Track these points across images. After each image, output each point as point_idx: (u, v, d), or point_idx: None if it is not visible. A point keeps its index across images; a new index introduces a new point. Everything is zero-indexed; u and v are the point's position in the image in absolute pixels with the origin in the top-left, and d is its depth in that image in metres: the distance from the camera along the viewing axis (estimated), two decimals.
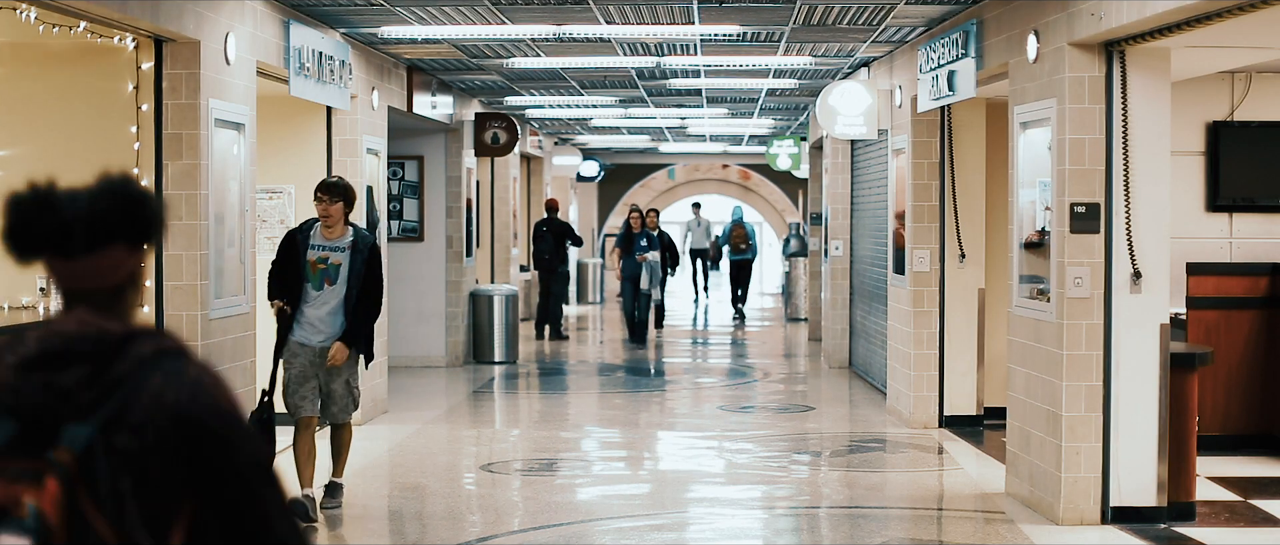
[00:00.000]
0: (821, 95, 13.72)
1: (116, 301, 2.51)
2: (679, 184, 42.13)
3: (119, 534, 2.24)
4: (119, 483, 2.27)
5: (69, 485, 2.22)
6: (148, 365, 2.38)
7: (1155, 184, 8.28)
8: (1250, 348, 10.80)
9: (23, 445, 2.26)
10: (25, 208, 2.51)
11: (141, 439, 2.29)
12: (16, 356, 2.37)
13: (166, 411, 2.31)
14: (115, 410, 2.30)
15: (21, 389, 2.33)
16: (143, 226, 2.51)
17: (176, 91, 8.53)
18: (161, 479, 2.29)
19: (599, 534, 8.47)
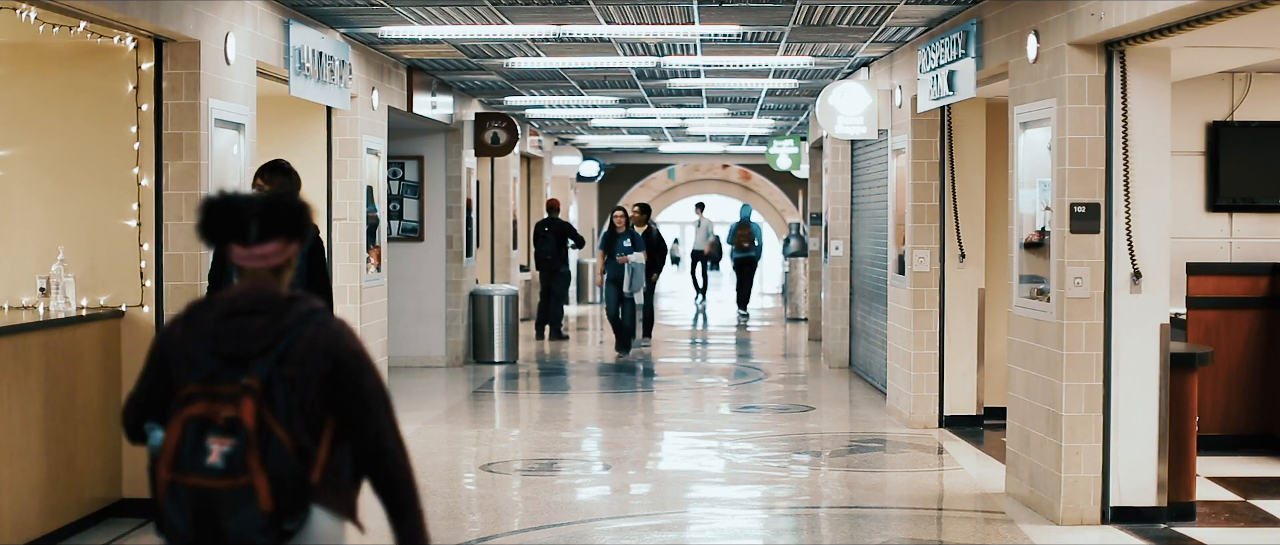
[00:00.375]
0: (821, 95, 13.72)
1: (277, 275, 3.68)
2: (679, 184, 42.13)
3: (290, 436, 3.49)
4: (289, 401, 3.52)
5: (258, 403, 3.47)
6: (304, 319, 3.62)
7: (1155, 184, 8.28)
8: (1250, 348, 10.80)
9: (223, 375, 3.52)
10: (216, 208, 3.59)
11: (303, 369, 3.56)
12: (215, 312, 3.59)
13: (318, 351, 3.59)
14: (285, 350, 3.56)
15: (220, 335, 3.57)
16: (296, 226, 3.66)
17: (176, 91, 8.53)
18: (315, 398, 3.57)
19: (599, 534, 8.47)
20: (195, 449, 3.51)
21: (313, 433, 3.60)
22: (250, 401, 3.51)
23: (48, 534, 7.77)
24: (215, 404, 3.53)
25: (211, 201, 3.63)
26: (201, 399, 3.54)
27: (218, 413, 3.51)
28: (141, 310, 8.56)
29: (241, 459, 3.48)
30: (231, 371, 3.57)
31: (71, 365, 8.01)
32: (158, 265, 8.54)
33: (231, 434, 3.50)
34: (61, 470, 7.90)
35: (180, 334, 3.67)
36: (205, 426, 3.52)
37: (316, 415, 3.62)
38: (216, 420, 3.51)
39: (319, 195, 12.18)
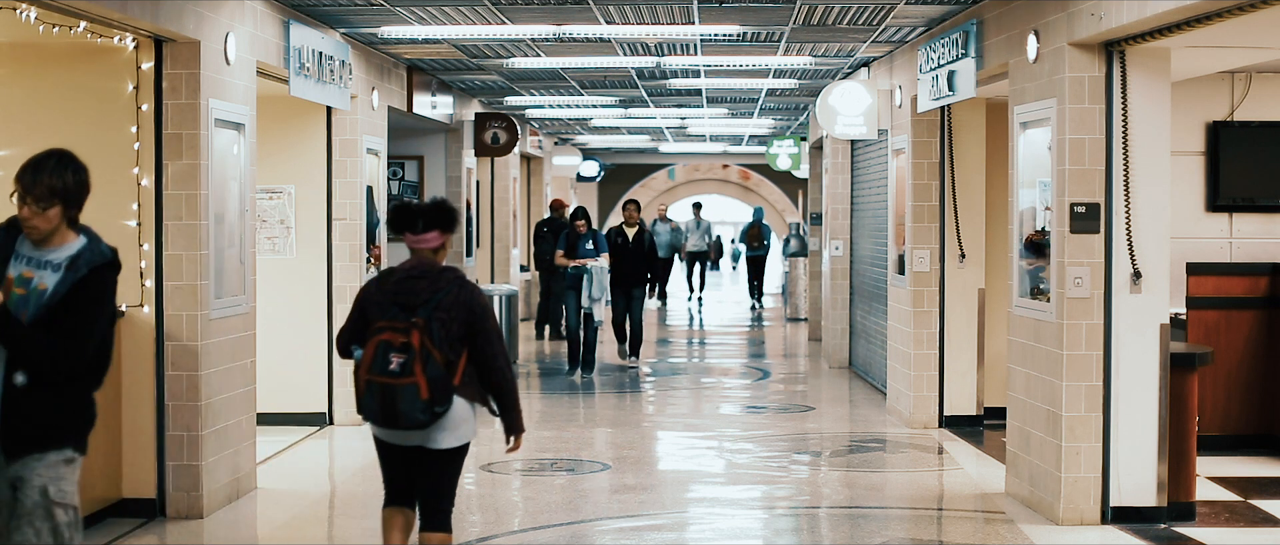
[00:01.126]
0: (821, 95, 13.72)
1: (435, 254, 5.98)
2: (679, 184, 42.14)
3: (441, 354, 5.71)
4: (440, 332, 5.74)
5: (421, 333, 5.70)
6: (451, 282, 5.87)
7: (1155, 184, 8.28)
8: (1250, 348, 10.80)
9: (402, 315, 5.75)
10: (398, 209, 5.97)
11: (449, 314, 5.81)
12: (395, 278, 5.90)
13: (460, 303, 5.84)
14: (438, 301, 5.80)
15: (399, 292, 5.85)
16: (450, 220, 5.98)
17: (176, 91, 8.53)
18: (457, 331, 5.81)
19: (599, 534, 8.47)
20: (382, 360, 5.78)
21: (454, 352, 5.88)
22: (417, 332, 5.77)
23: None
24: (395, 333, 5.79)
25: (394, 207, 6.09)
26: (387, 330, 5.80)
27: (396, 338, 5.78)
28: (141, 310, 8.56)
29: (410, 367, 5.75)
30: (405, 314, 5.84)
31: None
32: (158, 265, 8.54)
33: (404, 351, 5.76)
34: None
35: (374, 290, 5.99)
36: (388, 347, 5.79)
37: (457, 342, 5.90)
38: (395, 343, 5.78)
39: (319, 195, 12.18)
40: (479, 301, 5.93)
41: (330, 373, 12.25)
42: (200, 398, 8.59)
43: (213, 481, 8.77)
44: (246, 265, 9.31)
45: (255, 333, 9.52)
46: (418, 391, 5.74)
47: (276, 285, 12.00)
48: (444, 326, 5.84)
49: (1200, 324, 10.72)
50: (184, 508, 8.61)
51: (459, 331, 5.88)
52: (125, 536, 8.18)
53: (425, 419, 5.79)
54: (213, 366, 8.76)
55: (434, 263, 6.01)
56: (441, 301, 5.86)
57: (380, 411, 5.82)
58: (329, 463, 10.97)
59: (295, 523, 8.78)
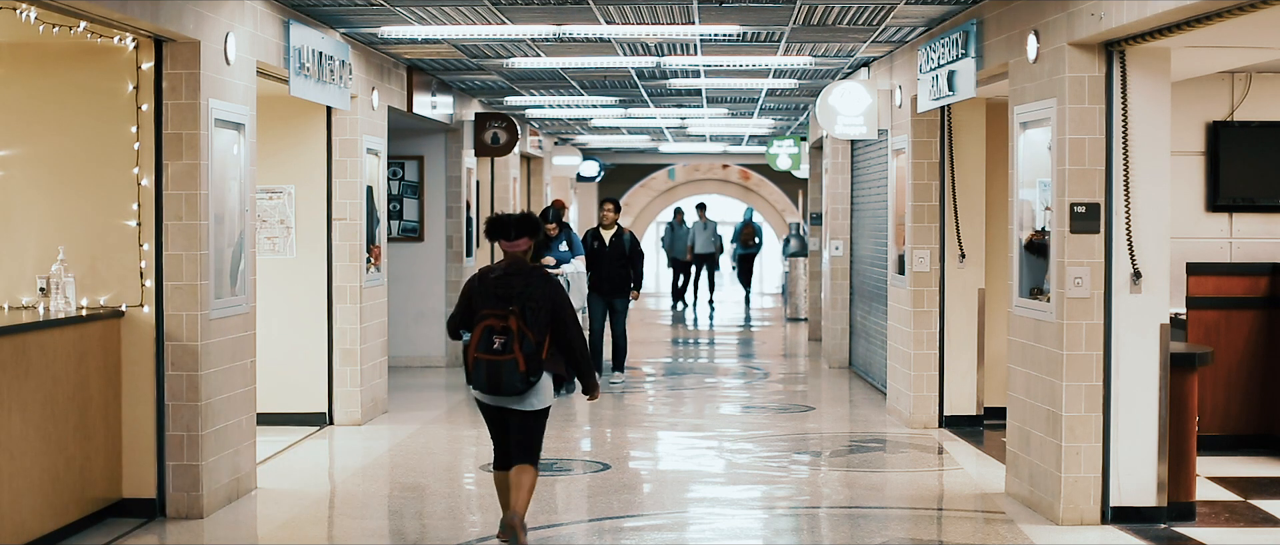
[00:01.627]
0: (821, 95, 13.72)
1: (524, 256, 7.53)
2: (679, 184, 42.14)
3: (533, 335, 7.32)
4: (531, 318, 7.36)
5: (517, 319, 7.30)
6: (538, 279, 7.48)
7: (1155, 184, 8.28)
8: (1250, 348, 10.80)
9: (501, 305, 7.33)
10: (494, 221, 7.51)
11: (537, 304, 7.41)
12: (495, 275, 7.45)
13: (545, 296, 7.44)
14: (528, 294, 7.39)
15: (498, 286, 7.42)
16: (535, 229, 7.58)
17: (176, 91, 8.52)
18: (543, 318, 7.42)
19: (599, 534, 8.47)
20: (487, 341, 7.33)
21: (541, 334, 7.44)
22: (513, 318, 7.32)
23: (48, 534, 7.77)
24: (496, 319, 7.34)
25: (490, 219, 7.59)
26: (490, 317, 7.35)
27: (498, 323, 7.32)
28: (141, 310, 8.56)
29: (510, 346, 7.31)
30: (504, 304, 7.38)
31: (71, 365, 8.01)
32: (158, 265, 8.54)
33: (505, 334, 7.31)
34: (61, 470, 7.90)
35: (478, 284, 7.53)
36: (492, 330, 7.33)
37: (543, 326, 7.45)
38: (497, 327, 7.32)
39: (319, 195, 12.18)
40: (560, 295, 7.58)
41: (330, 373, 12.25)
42: (200, 398, 8.59)
43: (213, 481, 8.77)
44: (246, 265, 9.31)
45: (255, 333, 9.52)
46: (516, 366, 7.34)
47: (276, 285, 12.00)
48: (534, 314, 7.43)
49: (1200, 324, 10.72)
50: (184, 508, 8.61)
51: (545, 318, 7.48)
52: (125, 536, 8.18)
53: (522, 388, 7.40)
54: (213, 366, 8.76)
55: (524, 262, 7.60)
56: (532, 294, 7.45)
57: (487, 382, 7.40)
58: (329, 463, 10.97)
59: (295, 523, 8.78)
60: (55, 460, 7.83)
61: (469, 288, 7.57)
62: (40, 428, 7.68)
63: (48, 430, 7.76)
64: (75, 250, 8.52)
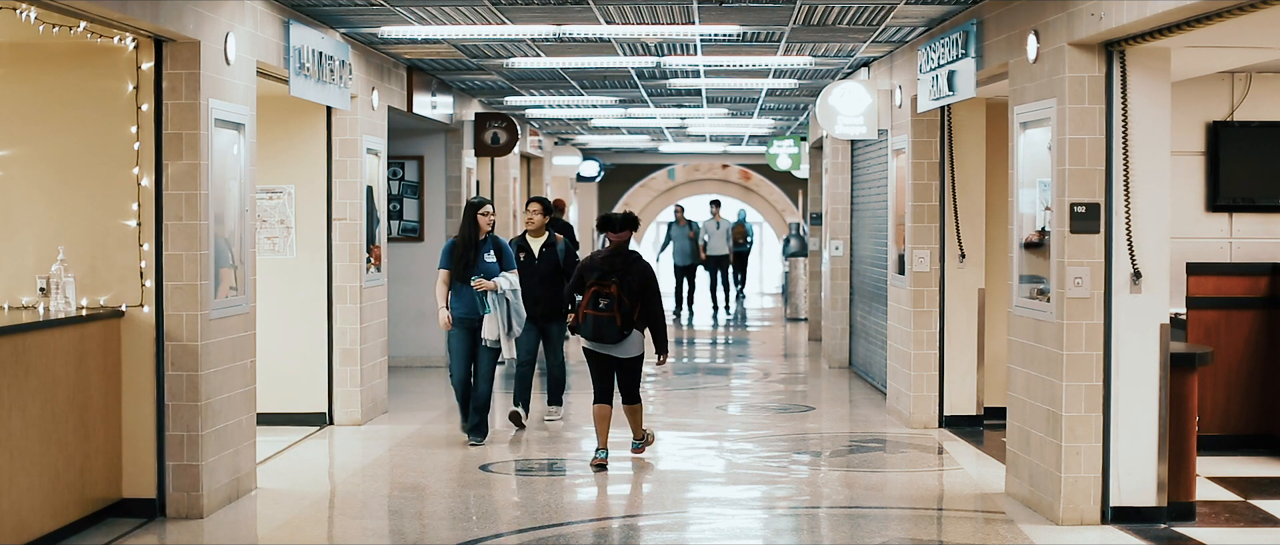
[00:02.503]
0: (821, 95, 13.72)
1: (625, 243, 10.27)
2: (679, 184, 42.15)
3: (629, 300, 10.07)
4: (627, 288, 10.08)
5: (618, 287, 10.05)
6: (634, 260, 10.24)
7: (1155, 184, 8.28)
8: (1250, 348, 10.80)
9: (606, 278, 10.07)
10: (604, 218, 10.31)
11: (633, 278, 10.13)
12: (602, 256, 10.22)
13: (639, 273, 10.16)
14: (626, 269, 10.14)
15: (604, 263, 10.17)
16: (635, 224, 10.40)
17: (176, 91, 8.53)
18: (636, 289, 10.12)
19: (599, 534, 8.47)
20: (594, 302, 9.97)
21: (634, 300, 10.01)
22: (614, 286, 9.94)
23: (48, 534, 7.77)
24: (603, 286, 9.98)
25: (601, 216, 10.22)
26: (597, 285, 9.99)
27: (604, 290, 9.96)
28: (141, 310, 8.56)
29: (611, 307, 9.95)
30: (607, 276, 9.98)
31: (71, 365, 8.02)
32: (158, 265, 8.54)
33: (608, 298, 9.95)
34: (61, 470, 7.91)
35: (589, 262, 10.14)
36: (598, 294, 9.98)
37: (636, 295, 10.02)
38: (603, 292, 9.97)
39: (319, 195, 12.18)
40: (650, 273, 10.27)
41: (330, 373, 12.25)
42: (200, 398, 8.59)
43: (213, 481, 8.77)
44: (246, 265, 9.32)
45: (255, 333, 9.52)
46: (614, 321, 10.06)
47: (276, 285, 12.00)
48: (629, 285, 10.10)
49: (1200, 324, 10.73)
50: (184, 508, 8.61)
51: (637, 289, 10.14)
52: (125, 536, 8.18)
53: (616, 338, 10.11)
54: (213, 366, 8.76)
55: (625, 248, 10.32)
56: (629, 270, 10.16)
57: (593, 332, 10.11)
58: (329, 463, 10.97)
59: (295, 523, 8.78)
60: (55, 460, 7.84)
61: (583, 265, 10.30)
62: (40, 428, 7.68)
63: (48, 430, 7.76)
64: (75, 250, 8.52)
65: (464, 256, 11.15)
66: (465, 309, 11.17)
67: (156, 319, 8.56)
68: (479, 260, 11.17)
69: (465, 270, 11.12)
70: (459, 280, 11.13)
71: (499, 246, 11.27)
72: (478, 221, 11.18)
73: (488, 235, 11.21)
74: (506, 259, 11.26)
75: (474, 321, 11.21)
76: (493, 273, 11.16)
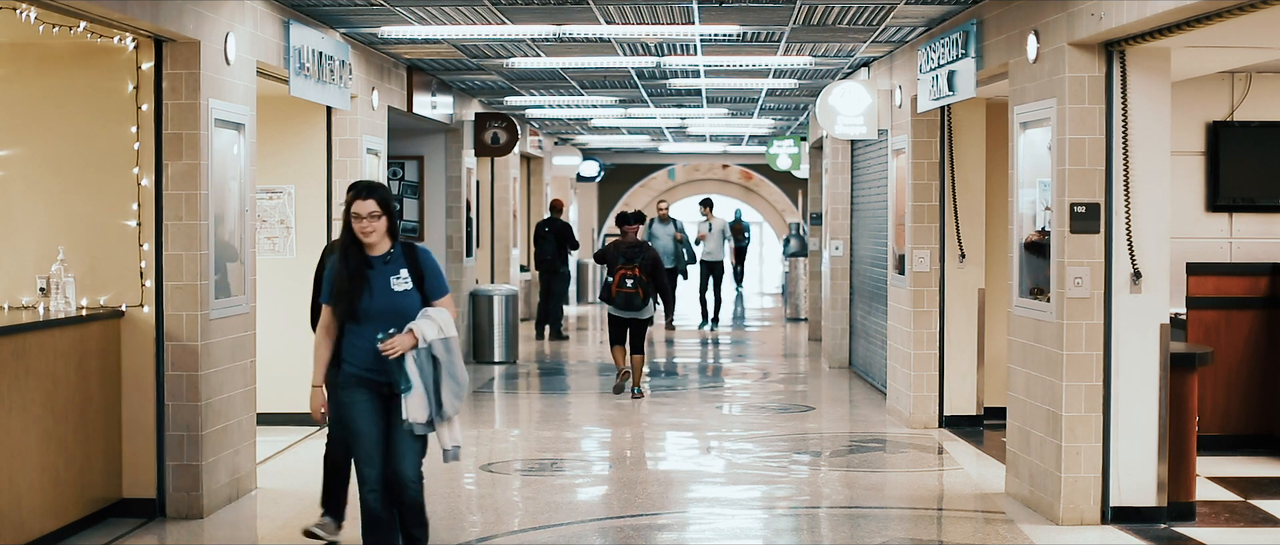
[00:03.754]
0: (821, 95, 13.72)
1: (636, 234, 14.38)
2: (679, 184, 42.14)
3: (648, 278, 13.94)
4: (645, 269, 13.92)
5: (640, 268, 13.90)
6: (644, 247, 14.05)
7: (1155, 184, 8.28)
8: (1250, 348, 10.80)
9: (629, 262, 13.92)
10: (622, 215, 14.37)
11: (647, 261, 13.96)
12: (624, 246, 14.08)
13: (650, 258, 13.99)
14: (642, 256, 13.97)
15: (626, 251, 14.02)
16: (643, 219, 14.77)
17: (176, 91, 8.52)
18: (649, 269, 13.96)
19: (599, 534, 8.47)
20: (622, 282, 13.85)
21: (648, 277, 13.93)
22: (637, 268, 13.85)
23: (48, 534, 7.77)
24: (628, 269, 13.88)
25: (619, 214, 14.40)
26: (624, 267, 13.87)
27: (629, 272, 13.87)
28: (141, 310, 8.56)
29: (636, 284, 13.86)
30: (630, 261, 13.88)
31: (71, 365, 8.01)
32: (158, 265, 8.54)
33: (634, 277, 13.85)
34: (61, 470, 7.90)
35: (614, 250, 14.04)
36: (625, 276, 13.85)
37: (651, 275, 13.93)
38: (629, 273, 13.86)
39: (319, 195, 12.18)
40: (656, 256, 14.04)
41: None
42: (200, 398, 8.59)
43: (213, 481, 8.77)
44: (246, 265, 9.31)
45: (255, 332, 9.52)
46: (639, 295, 13.83)
47: (276, 285, 12.00)
48: (644, 267, 13.85)
49: (1200, 324, 10.73)
50: (184, 508, 8.61)
51: (650, 269, 13.88)
52: (125, 536, 8.18)
53: (641, 306, 13.91)
54: (213, 366, 8.76)
55: (636, 238, 14.22)
56: (644, 256, 13.90)
57: (624, 303, 13.91)
58: None
59: (295, 523, 8.78)
60: (55, 460, 7.84)
61: (610, 254, 14.03)
62: (40, 428, 7.68)
63: (48, 430, 7.76)
64: (75, 250, 8.52)
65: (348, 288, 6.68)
66: (366, 359, 6.66)
67: (156, 319, 8.56)
68: (376, 291, 6.67)
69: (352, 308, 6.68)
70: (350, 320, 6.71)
71: (418, 262, 6.81)
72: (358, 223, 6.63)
73: (396, 246, 6.76)
74: (431, 281, 6.82)
75: (382, 383, 6.69)
76: (406, 310, 6.70)
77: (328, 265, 6.83)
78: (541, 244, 20.43)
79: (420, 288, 6.79)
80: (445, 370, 6.65)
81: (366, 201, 6.64)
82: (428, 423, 6.67)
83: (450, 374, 6.67)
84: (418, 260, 6.82)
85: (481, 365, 17.14)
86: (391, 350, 6.54)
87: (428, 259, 6.85)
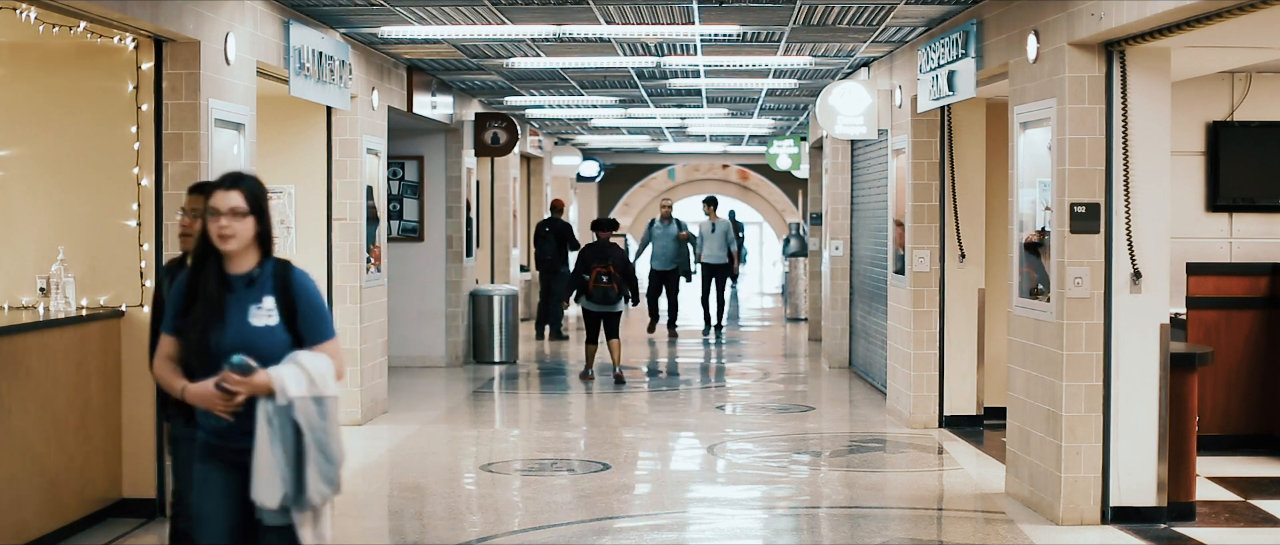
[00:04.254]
0: (821, 95, 13.72)
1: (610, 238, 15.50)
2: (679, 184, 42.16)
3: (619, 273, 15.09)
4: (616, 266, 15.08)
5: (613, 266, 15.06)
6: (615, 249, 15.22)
7: (1155, 184, 8.28)
8: (1250, 348, 10.80)
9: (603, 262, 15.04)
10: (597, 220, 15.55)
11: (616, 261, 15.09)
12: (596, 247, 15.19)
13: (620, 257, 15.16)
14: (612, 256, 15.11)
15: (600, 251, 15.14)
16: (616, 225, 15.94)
17: (176, 91, 8.53)
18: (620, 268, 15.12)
19: (599, 534, 8.47)
20: (598, 279, 15.00)
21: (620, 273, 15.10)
22: (612, 266, 15.04)
23: (47, 534, 7.77)
24: (602, 267, 15.01)
25: (595, 220, 15.54)
26: (599, 267, 15.01)
27: (604, 270, 15.01)
28: (141, 310, 8.56)
29: (611, 280, 15.01)
30: (604, 261, 15.05)
31: (71, 365, 8.01)
32: (158, 265, 8.54)
33: (608, 274, 14.99)
34: (61, 470, 7.90)
35: (589, 253, 15.12)
36: (601, 273, 15.00)
37: (621, 271, 15.11)
38: (604, 271, 15.00)
39: (319, 195, 12.18)
40: (625, 255, 15.20)
41: None
42: None
43: None
44: None
45: None
46: (613, 289, 14.97)
47: None
48: (616, 265, 14.99)
49: (1200, 324, 10.72)
50: None
51: (621, 268, 14.98)
52: (125, 536, 8.18)
53: (615, 299, 15.08)
54: None
55: (609, 241, 15.21)
56: (614, 257, 15.04)
57: (600, 297, 15.02)
58: None
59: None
60: (55, 460, 7.83)
61: (585, 254, 15.14)
62: (40, 428, 7.68)
63: (48, 430, 7.76)
64: (75, 250, 8.52)
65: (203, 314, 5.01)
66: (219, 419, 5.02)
67: None
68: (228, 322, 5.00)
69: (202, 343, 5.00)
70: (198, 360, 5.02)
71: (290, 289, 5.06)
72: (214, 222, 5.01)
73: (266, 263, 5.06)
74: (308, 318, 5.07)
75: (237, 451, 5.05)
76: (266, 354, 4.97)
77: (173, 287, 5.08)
78: (542, 244, 20.42)
79: (291, 325, 4.95)
80: (311, 442, 4.95)
81: (229, 193, 4.89)
82: (280, 510, 4.95)
83: (321, 448, 4.99)
84: (291, 287, 4.97)
85: (481, 365, 17.14)
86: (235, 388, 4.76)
87: (305, 286, 5.02)
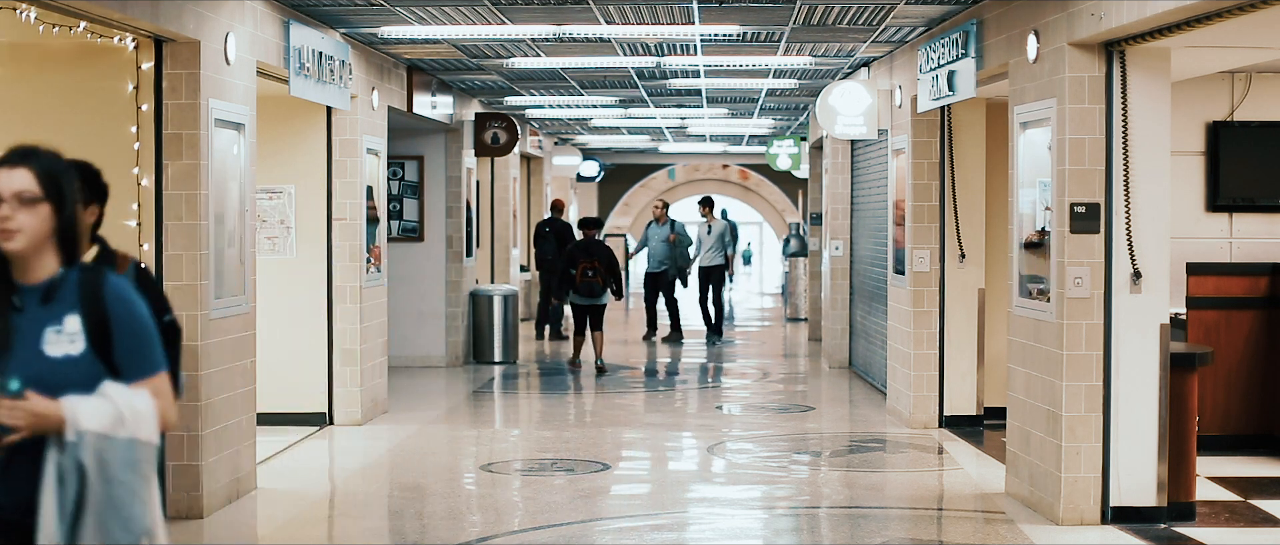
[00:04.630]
0: (821, 95, 13.72)
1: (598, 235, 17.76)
2: (679, 184, 42.16)
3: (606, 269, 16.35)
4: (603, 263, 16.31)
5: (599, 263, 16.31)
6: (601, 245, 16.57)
7: (1155, 184, 8.28)
8: (1250, 348, 10.80)
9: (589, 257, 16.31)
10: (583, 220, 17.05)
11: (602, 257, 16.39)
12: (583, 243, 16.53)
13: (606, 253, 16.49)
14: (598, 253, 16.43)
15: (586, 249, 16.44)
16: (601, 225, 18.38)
17: (176, 91, 8.53)
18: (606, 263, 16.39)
19: (599, 534, 8.47)
20: (584, 273, 16.22)
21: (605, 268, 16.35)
22: (597, 261, 16.28)
23: None
24: (588, 263, 16.25)
25: (581, 219, 17.07)
26: (584, 261, 16.25)
27: (589, 265, 16.24)
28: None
29: (597, 275, 16.24)
30: (589, 257, 16.29)
31: None
32: (158, 265, 8.54)
33: (593, 270, 16.23)
34: None
35: (576, 249, 16.49)
36: (587, 268, 16.23)
37: (607, 267, 16.37)
38: (590, 266, 16.24)
39: (319, 195, 12.18)
40: (610, 251, 16.42)
41: (330, 373, 12.25)
42: (200, 398, 8.59)
43: (213, 481, 8.77)
44: (246, 265, 9.31)
45: (255, 333, 9.52)
46: (598, 283, 16.12)
47: (276, 285, 12.00)
48: (601, 260, 16.11)
49: (1200, 324, 10.72)
50: (184, 508, 8.61)
51: (607, 263, 16.19)
52: None
53: (600, 292, 16.20)
54: (213, 366, 8.76)
55: (597, 239, 16.49)
56: (599, 253, 16.17)
57: (587, 291, 16.18)
58: (329, 463, 10.97)
59: (295, 523, 8.79)
60: None
61: (572, 251, 16.33)
62: None
63: None
64: None
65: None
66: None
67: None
68: (16, 349, 3.58)
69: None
70: None
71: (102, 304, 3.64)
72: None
73: (70, 271, 3.70)
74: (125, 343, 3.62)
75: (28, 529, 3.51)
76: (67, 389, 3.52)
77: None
78: (542, 244, 20.42)
79: (104, 354, 3.59)
80: (100, 492, 3.45)
81: (13, 172, 3.85)
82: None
83: (113, 504, 3.45)
84: (104, 302, 3.61)
85: (481, 365, 17.14)
86: (14, 419, 3.41)
87: (124, 301, 3.64)
